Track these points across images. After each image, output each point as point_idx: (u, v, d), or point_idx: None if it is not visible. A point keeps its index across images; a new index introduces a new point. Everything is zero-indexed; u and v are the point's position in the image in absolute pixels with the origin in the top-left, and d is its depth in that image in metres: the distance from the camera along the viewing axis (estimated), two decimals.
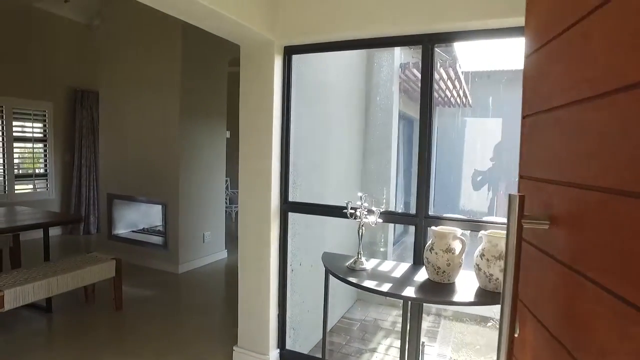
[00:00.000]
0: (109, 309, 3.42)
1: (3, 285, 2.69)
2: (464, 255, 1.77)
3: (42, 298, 2.86)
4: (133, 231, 5.13)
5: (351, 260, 2.06)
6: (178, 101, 4.28)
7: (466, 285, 1.77)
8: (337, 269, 1.99)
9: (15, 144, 5.60)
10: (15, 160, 5.64)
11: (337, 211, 2.26)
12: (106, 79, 4.91)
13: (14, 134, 5.58)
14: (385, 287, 1.74)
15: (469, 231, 1.95)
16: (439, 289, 1.73)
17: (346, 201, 2.14)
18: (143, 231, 5.14)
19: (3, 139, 5.47)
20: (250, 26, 2.11)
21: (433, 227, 1.87)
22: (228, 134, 4.99)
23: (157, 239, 4.74)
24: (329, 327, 2.77)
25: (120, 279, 3.40)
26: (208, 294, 3.98)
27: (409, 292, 1.70)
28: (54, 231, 5.80)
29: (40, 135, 5.90)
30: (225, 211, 5.04)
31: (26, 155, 5.81)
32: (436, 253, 1.77)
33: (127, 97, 4.70)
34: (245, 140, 2.48)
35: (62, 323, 3.23)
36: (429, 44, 2.06)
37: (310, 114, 2.82)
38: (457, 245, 1.77)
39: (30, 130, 5.79)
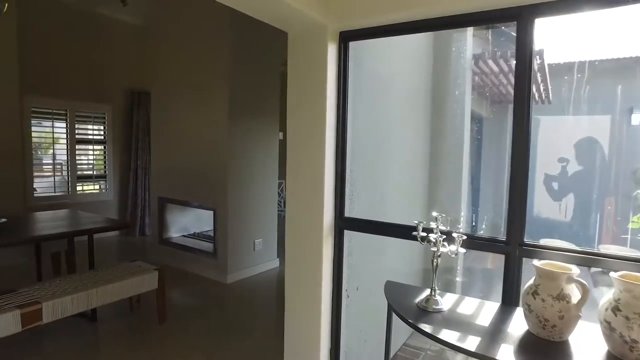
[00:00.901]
0: (153, 320, 3.23)
1: (42, 297, 2.54)
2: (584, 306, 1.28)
3: (82, 311, 2.69)
4: (184, 235, 4.99)
5: (422, 297, 1.63)
6: (227, 102, 4.04)
7: (586, 346, 1.28)
8: (406, 308, 1.57)
9: (77, 146, 5.70)
10: (78, 162, 5.74)
11: (404, 232, 1.84)
12: (157, 81, 4.81)
13: (77, 136, 5.68)
14: (473, 343, 1.29)
15: (575, 265, 1.45)
16: (546, 350, 1.26)
17: (417, 221, 1.71)
18: (194, 236, 4.99)
19: (67, 142, 5.57)
20: (299, 7, 1.75)
21: (537, 263, 1.39)
22: (281, 136, 4.69)
23: (207, 246, 4.55)
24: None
25: (163, 291, 3.20)
26: (257, 309, 3.69)
27: (506, 354, 1.24)
28: (112, 232, 5.85)
29: (101, 137, 5.97)
30: (279, 215, 4.75)
31: (87, 157, 5.90)
32: (542, 299, 1.30)
33: (177, 99, 4.55)
34: (293, 143, 2.13)
35: (106, 334, 3.08)
36: (528, 19, 1.58)
37: (368, 114, 2.41)
38: (573, 291, 1.29)
39: (91, 132, 5.87)
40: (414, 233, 1.71)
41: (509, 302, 1.63)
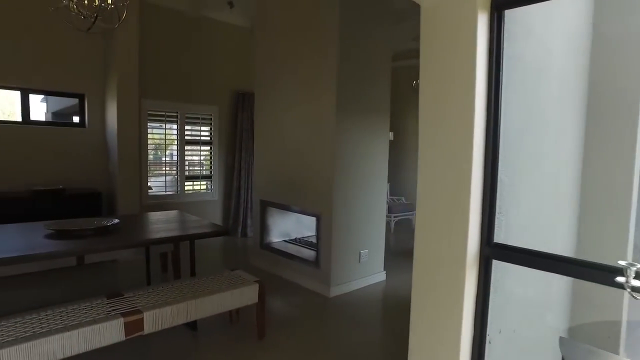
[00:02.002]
0: (252, 334, 2.99)
1: (144, 306, 2.42)
2: None
3: (181, 323, 2.53)
4: (285, 241, 4.79)
5: None
6: (334, 102, 3.70)
7: None
8: None
9: (186, 147, 5.87)
10: (186, 162, 5.91)
11: (596, 274, 1.28)
12: (261, 81, 4.66)
13: (186, 137, 5.85)
14: None
15: None
16: None
17: (624, 262, 1.14)
18: (295, 242, 4.76)
19: (177, 142, 5.75)
20: None
21: None
22: (391, 136, 4.24)
23: (308, 254, 4.27)
24: None
25: (264, 305, 2.94)
26: (362, 328, 3.28)
27: None
28: None
29: (207, 138, 6.09)
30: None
31: (194, 157, 6.05)
32: None
33: (281, 99, 4.34)
34: (428, 144, 1.67)
35: (205, 345, 2.91)
36: None
37: (520, 106, 1.85)
38: None
39: (199, 133, 6.00)
40: (619, 279, 1.15)
41: None
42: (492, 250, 1.57)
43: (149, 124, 5.47)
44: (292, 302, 3.72)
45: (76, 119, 5.10)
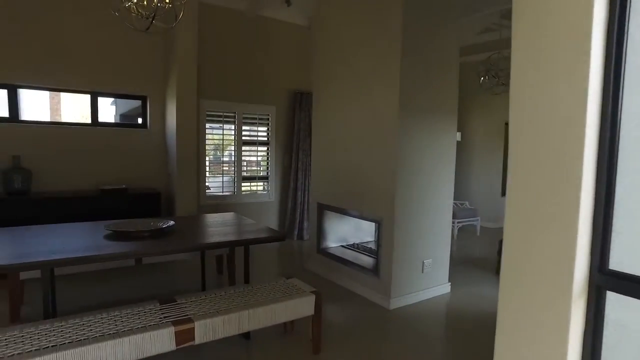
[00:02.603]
0: (307, 348, 2.81)
1: (196, 315, 2.32)
2: None
3: (232, 334, 2.40)
4: (343, 246, 4.58)
5: None
6: (397, 100, 3.43)
7: None
8: None
9: (243, 147, 5.84)
10: (243, 163, 5.89)
11: None
12: (319, 80, 4.48)
13: (243, 137, 5.82)
14: None
15: None
16: None
17: None
18: (353, 247, 4.53)
19: (235, 143, 5.75)
20: None
21: None
22: (459, 136, 3.89)
23: (367, 261, 4.03)
24: None
25: (320, 318, 2.75)
26: (425, 346, 2.99)
27: None
28: None
29: (264, 139, 6.03)
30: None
31: (252, 158, 6.01)
32: None
33: (339, 98, 4.13)
34: (522, 142, 1.38)
35: (257, 357, 2.77)
36: None
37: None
38: None
39: (256, 134, 5.96)
40: None
41: None
42: (606, 279, 1.25)
43: (207, 124, 5.50)
44: (349, 312, 3.50)
45: (140, 121, 5.23)
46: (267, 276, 4.35)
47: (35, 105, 4.90)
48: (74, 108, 4.91)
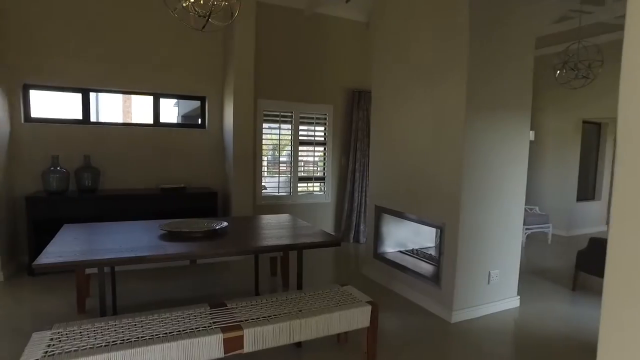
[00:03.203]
0: None
1: (246, 322, 2.23)
2: None
3: (283, 344, 2.29)
4: (401, 251, 4.35)
5: None
6: (463, 98, 3.16)
7: None
8: None
9: (300, 147, 5.78)
10: (300, 163, 5.82)
11: None
12: (378, 77, 4.28)
13: (300, 137, 5.76)
14: None
15: None
16: None
17: None
18: (412, 253, 4.29)
19: (291, 143, 5.69)
20: None
21: None
22: (532, 136, 3.52)
23: (427, 269, 3.78)
24: None
25: (376, 331, 2.57)
26: None
27: None
28: None
29: (321, 138, 5.93)
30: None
31: (308, 158, 5.93)
32: None
33: (400, 97, 3.91)
34: (635, 129, 1.11)
35: None
36: None
37: None
38: None
39: (313, 133, 5.87)
40: None
41: None
42: None
43: (264, 124, 5.49)
44: (407, 324, 3.28)
45: (199, 121, 5.33)
46: (322, 281, 4.24)
47: (110, 107, 5.16)
48: (143, 110, 5.09)
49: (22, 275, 4.13)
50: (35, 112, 4.51)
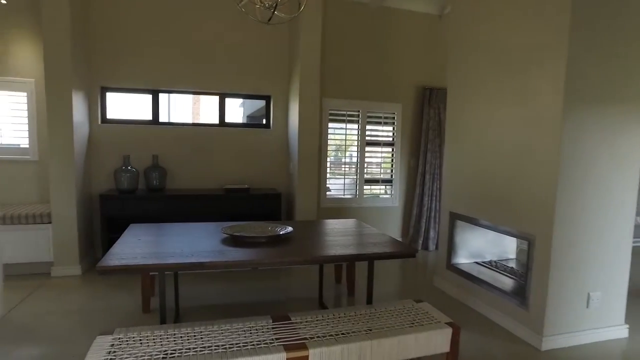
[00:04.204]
0: None
1: (311, 339, 2.02)
2: None
3: None
4: (478, 263, 3.94)
5: None
6: (561, 91, 2.73)
7: None
8: None
9: (366, 148, 5.51)
10: (366, 165, 5.55)
11: None
12: (455, 73, 3.89)
13: (366, 137, 5.49)
14: None
15: None
16: None
17: None
18: (490, 265, 3.86)
19: (358, 143, 5.45)
20: None
21: None
22: None
23: (509, 284, 3.36)
24: None
25: (456, 357, 2.24)
26: None
27: None
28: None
29: (389, 139, 5.61)
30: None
31: (375, 159, 5.64)
32: None
33: (480, 92, 3.51)
34: None
35: None
36: None
37: None
38: None
39: (380, 133, 5.58)
40: None
41: None
42: None
43: (329, 124, 5.29)
44: (489, 349, 2.89)
45: (264, 121, 5.25)
46: (389, 292, 3.94)
47: (181, 108, 5.23)
48: (210, 111, 5.12)
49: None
50: (110, 114, 4.66)
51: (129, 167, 4.36)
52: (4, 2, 4.17)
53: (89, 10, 4.39)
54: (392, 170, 5.67)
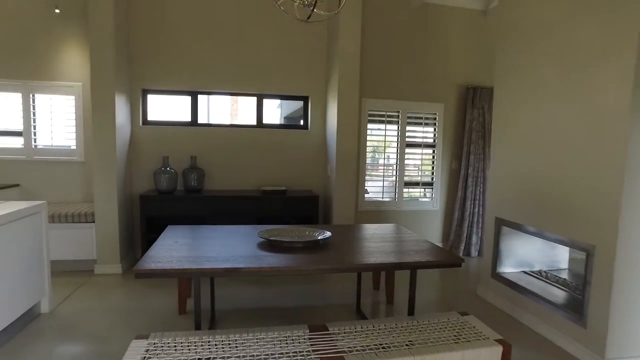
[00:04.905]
0: None
1: (349, 352, 1.91)
2: None
3: None
4: (526, 272, 3.69)
5: None
6: (629, 85, 2.48)
7: None
8: None
9: (406, 150, 5.33)
10: (406, 167, 5.37)
11: None
12: (503, 70, 3.66)
13: (406, 139, 5.31)
14: None
15: None
16: None
17: None
18: (540, 275, 3.61)
19: (397, 145, 5.28)
20: None
21: None
22: None
23: (560, 296, 3.11)
24: None
25: None
26: None
27: None
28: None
29: (430, 140, 5.41)
30: None
31: (415, 161, 5.44)
32: None
33: (531, 92, 3.28)
34: None
35: None
36: None
37: None
38: None
39: (421, 135, 5.38)
40: None
41: None
42: None
43: (368, 124, 5.16)
44: None
45: (301, 122, 5.19)
46: (429, 300, 3.77)
47: (220, 110, 5.25)
48: (248, 112, 5.11)
49: None
50: (150, 116, 4.74)
51: (168, 168, 4.41)
52: (58, 11, 4.32)
53: (131, 15, 4.48)
54: (432, 173, 5.46)
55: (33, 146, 4.57)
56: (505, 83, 3.65)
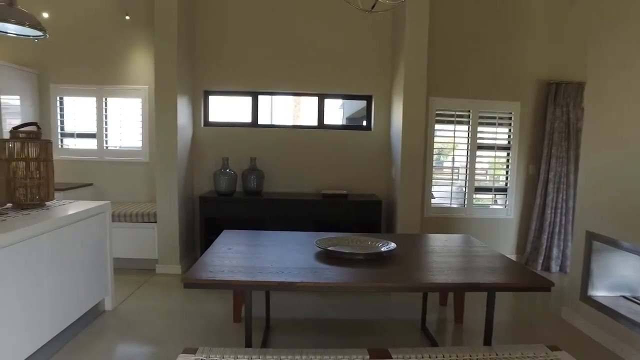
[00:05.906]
0: None
1: None
2: None
3: None
4: (625, 297, 3.17)
5: None
6: None
7: None
8: None
9: (477, 152, 4.90)
10: (477, 171, 4.93)
11: None
12: (602, 61, 3.17)
13: (478, 141, 4.88)
14: None
15: None
16: None
17: None
18: None
19: (467, 147, 4.86)
20: None
21: None
22: None
23: None
24: None
25: None
26: None
27: None
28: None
29: (504, 142, 4.93)
30: None
31: (486, 165, 4.99)
32: None
33: (636, 84, 2.79)
34: None
35: None
36: None
37: None
38: None
39: (494, 136, 4.92)
40: None
41: None
42: None
43: (436, 125, 4.80)
44: None
45: (364, 123, 4.95)
46: (507, 324, 3.35)
47: (282, 111, 5.17)
48: (309, 113, 4.97)
49: None
50: (212, 117, 4.75)
51: (228, 170, 4.37)
52: (128, 17, 4.46)
53: (193, 19, 4.51)
54: (506, 178, 4.97)
55: (104, 147, 4.76)
56: (604, 77, 3.16)
